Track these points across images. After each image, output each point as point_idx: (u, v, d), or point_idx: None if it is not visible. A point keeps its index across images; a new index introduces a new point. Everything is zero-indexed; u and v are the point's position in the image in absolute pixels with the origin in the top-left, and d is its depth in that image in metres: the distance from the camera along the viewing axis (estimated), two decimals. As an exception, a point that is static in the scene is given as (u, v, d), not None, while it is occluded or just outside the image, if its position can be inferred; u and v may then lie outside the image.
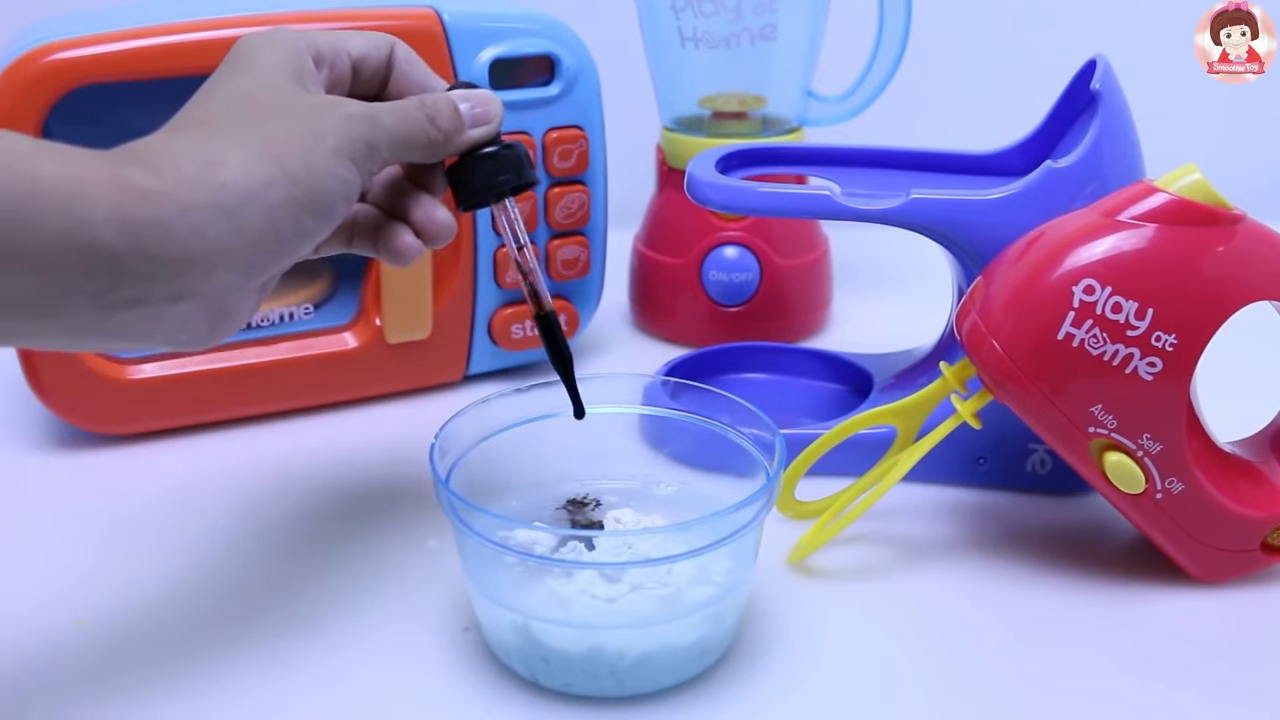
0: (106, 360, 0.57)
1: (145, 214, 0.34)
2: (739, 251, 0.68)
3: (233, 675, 0.42)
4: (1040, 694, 0.41)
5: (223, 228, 0.35)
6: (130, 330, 0.35)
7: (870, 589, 0.47)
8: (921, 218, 0.51)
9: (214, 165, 0.35)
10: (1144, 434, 0.43)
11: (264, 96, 0.39)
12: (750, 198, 0.53)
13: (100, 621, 0.44)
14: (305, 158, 0.38)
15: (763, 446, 0.45)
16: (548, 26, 0.59)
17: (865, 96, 0.72)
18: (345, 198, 0.39)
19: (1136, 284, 0.41)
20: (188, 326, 0.37)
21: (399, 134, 0.41)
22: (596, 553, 0.42)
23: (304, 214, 0.38)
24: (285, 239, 0.38)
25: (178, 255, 0.35)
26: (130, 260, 0.34)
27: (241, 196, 0.36)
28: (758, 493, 0.41)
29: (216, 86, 0.40)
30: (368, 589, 0.46)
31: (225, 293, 0.37)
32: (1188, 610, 0.45)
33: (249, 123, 0.38)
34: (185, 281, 0.35)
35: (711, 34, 0.69)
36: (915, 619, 0.45)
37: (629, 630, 0.39)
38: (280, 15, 0.55)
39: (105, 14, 0.54)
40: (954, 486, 0.54)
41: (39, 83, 0.51)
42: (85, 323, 0.35)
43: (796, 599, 0.46)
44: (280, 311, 0.61)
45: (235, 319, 0.39)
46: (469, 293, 0.61)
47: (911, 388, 0.54)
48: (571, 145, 0.61)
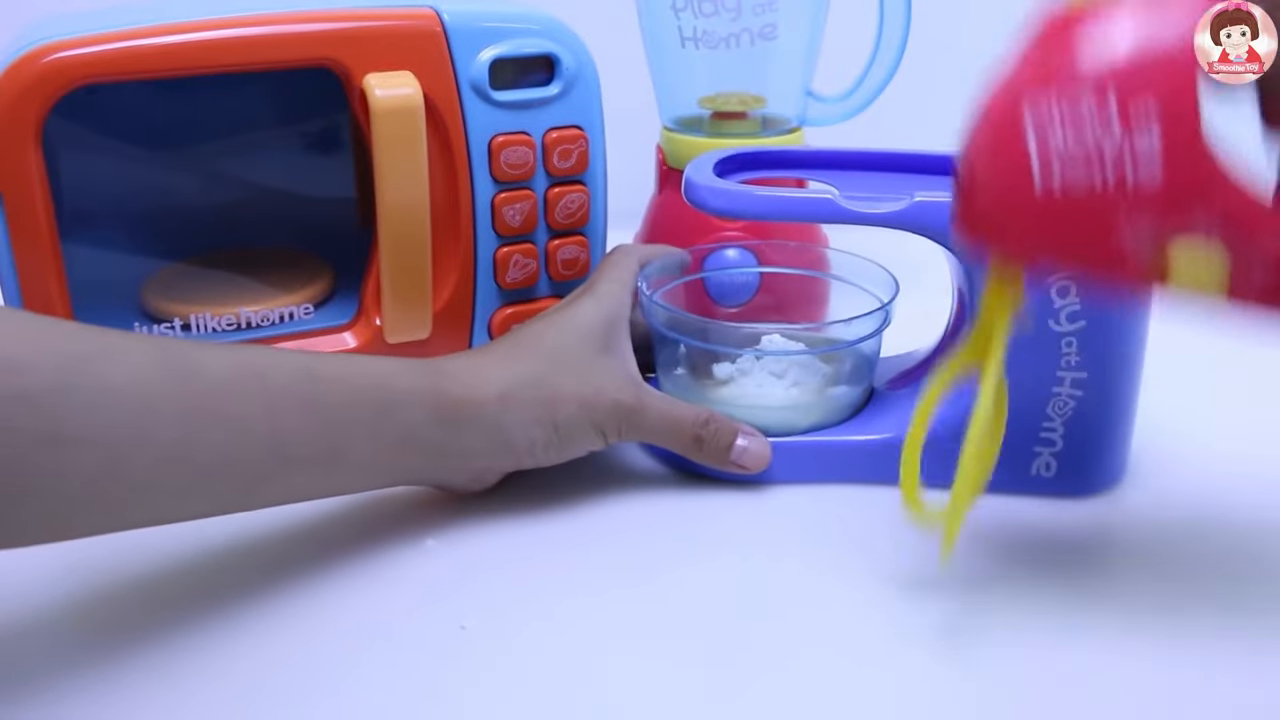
0: (106, 360, 0.57)
1: (452, 418, 0.47)
2: (739, 252, 0.68)
3: (229, 673, 0.42)
4: (1045, 708, 0.41)
5: (493, 439, 0.49)
6: (419, 479, 0.50)
7: (880, 588, 0.46)
8: (926, 221, 0.51)
9: (506, 397, 0.48)
10: (1194, 213, 0.36)
11: (568, 355, 0.51)
12: (750, 202, 0.53)
13: (100, 622, 0.44)
14: (570, 421, 0.50)
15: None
16: (548, 26, 0.59)
17: (865, 97, 0.72)
18: (588, 451, 0.51)
19: (1067, 86, 0.36)
20: (453, 483, 0.51)
21: (656, 433, 0.52)
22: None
23: (552, 451, 0.50)
24: (532, 460, 0.50)
25: (461, 449, 0.48)
26: (438, 447, 0.48)
27: (516, 426, 0.49)
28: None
29: (548, 325, 0.52)
30: (367, 588, 0.47)
31: (480, 471, 0.50)
32: (1202, 620, 0.44)
33: (547, 368, 0.50)
34: (456, 461, 0.49)
35: (711, 34, 0.69)
36: (915, 629, 0.44)
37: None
38: (280, 15, 0.55)
39: (105, 14, 0.54)
40: None
41: (38, 83, 0.51)
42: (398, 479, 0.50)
43: (793, 603, 0.46)
44: (280, 311, 0.61)
45: (487, 481, 0.51)
46: (469, 293, 0.61)
47: (913, 386, 0.54)
48: (571, 145, 0.61)
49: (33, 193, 0.52)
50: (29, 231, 0.52)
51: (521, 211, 0.61)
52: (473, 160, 0.59)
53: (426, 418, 0.47)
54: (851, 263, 0.60)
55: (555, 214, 0.62)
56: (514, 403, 0.48)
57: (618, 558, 0.49)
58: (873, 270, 0.58)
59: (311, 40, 0.55)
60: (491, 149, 0.59)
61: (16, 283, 0.53)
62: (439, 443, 0.47)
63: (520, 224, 0.61)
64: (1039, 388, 0.51)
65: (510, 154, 0.59)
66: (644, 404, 0.51)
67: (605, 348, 0.52)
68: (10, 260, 0.53)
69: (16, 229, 0.52)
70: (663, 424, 0.51)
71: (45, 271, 0.53)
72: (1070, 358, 0.50)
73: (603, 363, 0.51)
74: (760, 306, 0.68)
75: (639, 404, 0.51)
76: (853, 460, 0.54)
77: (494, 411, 0.48)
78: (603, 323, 0.52)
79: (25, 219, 0.52)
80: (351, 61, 0.56)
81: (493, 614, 0.45)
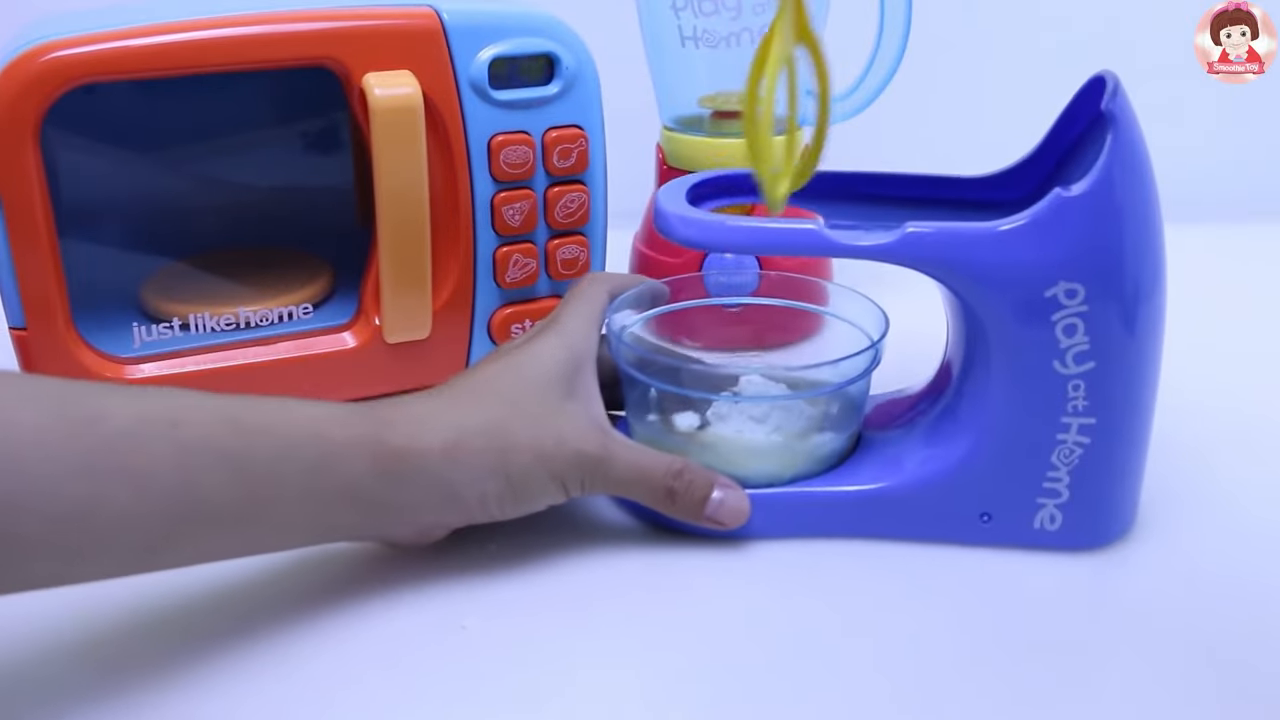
0: (106, 360, 0.57)
1: (394, 470, 0.43)
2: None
3: (226, 672, 0.41)
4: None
5: (439, 493, 0.44)
6: (354, 536, 0.47)
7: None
8: (920, 253, 0.46)
9: (454, 447, 0.44)
10: None
11: (526, 399, 0.46)
12: (724, 234, 0.48)
13: (98, 622, 0.44)
14: (526, 473, 0.45)
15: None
16: (548, 26, 0.59)
17: (865, 97, 0.72)
18: (548, 504, 0.47)
19: None
20: (395, 538, 0.47)
21: (624, 485, 0.47)
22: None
23: (507, 505, 0.46)
24: (485, 515, 0.46)
25: (405, 503, 0.44)
26: (379, 501, 0.43)
27: (466, 479, 0.44)
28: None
29: (505, 365, 0.48)
30: (366, 587, 0.46)
31: (426, 527, 0.46)
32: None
33: (501, 414, 0.46)
34: (397, 516, 0.45)
35: (711, 33, 0.69)
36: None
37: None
38: (279, 14, 0.55)
39: (103, 13, 0.54)
40: (955, 546, 0.49)
41: (37, 82, 0.51)
42: (335, 535, 0.46)
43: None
44: (279, 311, 0.61)
45: (435, 535, 0.47)
46: (469, 293, 0.61)
47: (904, 429, 0.52)
48: (571, 145, 0.61)
49: (31, 192, 0.52)
50: (28, 231, 0.52)
51: (521, 211, 0.60)
52: (472, 160, 0.59)
53: (365, 470, 0.42)
54: (837, 294, 0.56)
55: (555, 213, 0.62)
56: (463, 453, 0.44)
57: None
58: (860, 304, 0.54)
59: (311, 39, 0.55)
60: (491, 148, 0.59)
61: (16, 283, 0.53)
62: (379, 497, 0.43)
63: (520, 223, 0.61)
64: (1043, 435, 0.47)
65: (510, 153, 0.59)
66: (610, 453, 0.47)
67: (569, 391, 0.47)
68: (9, 260, 0.53)
69: (15, 229, 0.52)
70: (631, 475, 0.47)
71: (44, 271, 0.53)
72: (1077, 402, 0.46)
73: (565, 408, 0.47)
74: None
75: (604, 453, 0.46)
76: (840, 513, 0.49)
77: (440, 463, 0.44)
78: (566, 362, 0.48)
79: (24, 219, 0.52)
80: (351, 61, 0.56)
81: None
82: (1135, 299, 0.45)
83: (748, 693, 0.41)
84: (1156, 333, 0.47)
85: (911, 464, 0.50)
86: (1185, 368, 0.52)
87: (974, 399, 0.48)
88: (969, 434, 0.48)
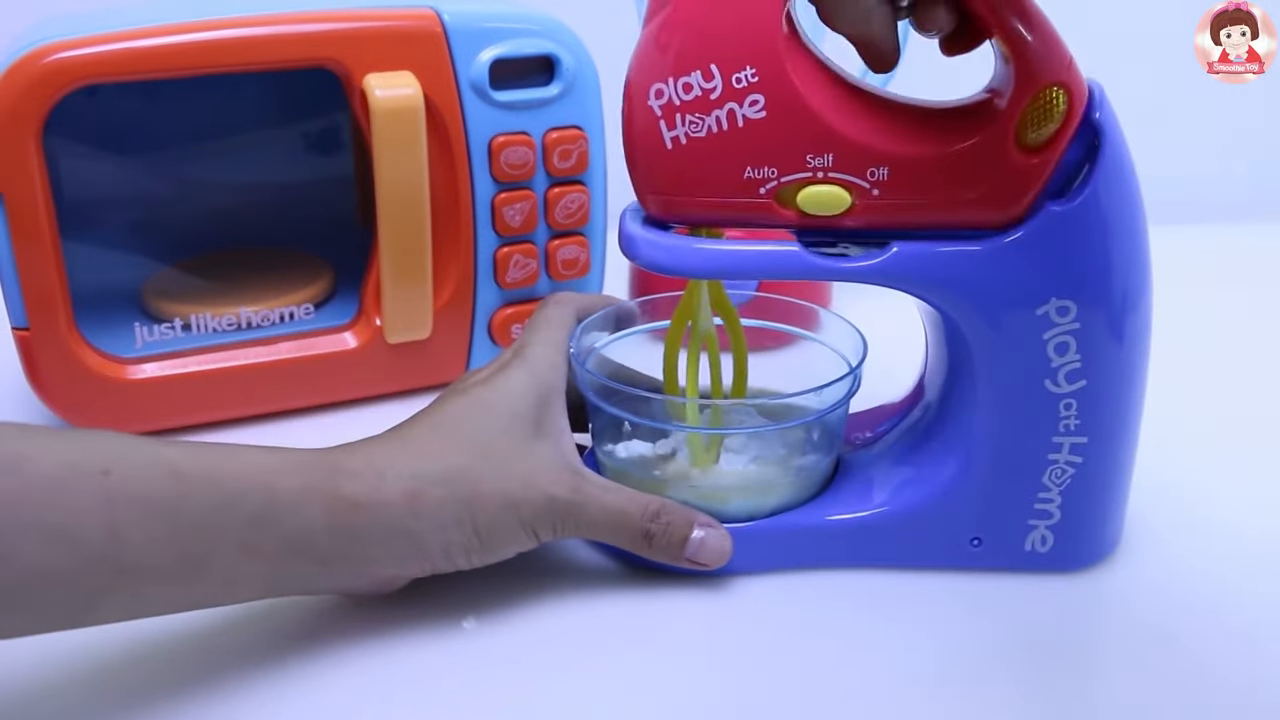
0: (107, 360, 0.57)
1: (350, 521, 0.41)
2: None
3: (226, 673, 0.42)
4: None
5: (400, 545, 0.42)
6: (307, 589, 0.44)
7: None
8: (907, 273, 0.44)
9: (415, 496, 0.42)
10: (806, 157, 0.42)
11: (493, 442, 0.44)
12: (695, 257, 0.44)
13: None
14: (493, 521, 0.43)
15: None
16: (548, 26, 0.59)
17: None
18: (518, 552, 0.44)
19: (681, 59, 0.41)
20: (355, 589, 0.44)
21: (597, 528, 0.45)
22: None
23: (474, 555, 0.43)
24: (450, 565, 0.43)
25: (362, 556, 0.42)
26: (334, 554, 0.41)
27: (429, 530, 0.42)
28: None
29: (472, 403, 0.45)
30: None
31: (386, 579, 0.44)
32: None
33: (466, 459, 0.43)
34: (355, 569, 0.42)
35: (712, 34, 0.69)
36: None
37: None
38: (280, 16, 0.55)
39: (105, 14, 0.54)
40: (944, 571, 0.48)
41: (39, 83, 0.51)
42: (285, 589, 0.43)
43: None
44: (280, 311, 0.61)
45: (396, 585, 0.44)
46: (469, 293, 0.62)
47: (884, 448, 0.51)
48: (571, 145, 0.61)
49: (34, 192, 0.52)
50: (30, 232, 0.53)
51: (521, 211, 0.61)
52: (473, 160, 0.59)
53: (319, 522, 0.40)
54: (813, 315, 0.53)
55: (555, 214, 0.62)
56: (425, 502, 0.41)
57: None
58: (837, 325, 0.51)
59: (312, 40, 0.55)
60: (491, 149, 0.59)
61: (18, 283, 0.53)
62: (334, 550, 0.41)
63: (520, 224, 0.61)
64: (1035, 456, 0.46)
65: (510, 154, 0.59)
66: (583, 496, 0.44)
67: (536, 430, 0.45)
68: (11, 260, 0.53)
69: (17, 229, 0.52)
70: (605, 518, 0.44)
71: (46, 272, 0.53)
72: (1069, 421, 0.45)
73: (533, 449, 0.44)
74: (760, 307, 0.67)
75: (576, 497, 0.44)
76: (826, 543, 0.48)
77: (401, 514, 0.41)
78: (534, 397, 0.45)
79: (26, 219, 0.52)
80: (351, 62, 0.56)
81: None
82: (1124, 313, 0.44)
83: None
84: (1144, 346, 0.46)
85: (896, 489, 0.48)
86: (1171, 376, 0.51)
87: (959, 420, 0.47)
88: (956, 456, 0.47)
